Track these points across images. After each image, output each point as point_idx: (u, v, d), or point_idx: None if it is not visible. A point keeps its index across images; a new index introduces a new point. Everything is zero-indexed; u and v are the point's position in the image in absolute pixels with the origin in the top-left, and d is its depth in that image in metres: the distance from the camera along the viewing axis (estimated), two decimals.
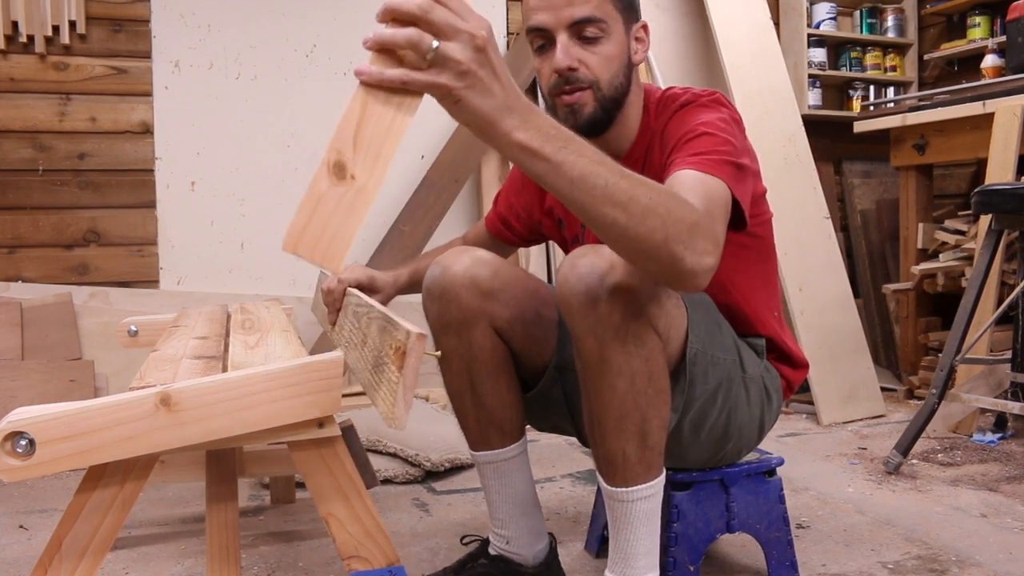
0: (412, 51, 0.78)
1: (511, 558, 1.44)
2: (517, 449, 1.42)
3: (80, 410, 0.88)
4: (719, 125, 1.21)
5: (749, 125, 2.95)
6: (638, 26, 1.32)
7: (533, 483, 1.47)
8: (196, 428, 0.90)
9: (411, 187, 3.01)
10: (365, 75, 0.79)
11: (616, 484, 1.21)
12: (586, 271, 1.10)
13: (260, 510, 2.01)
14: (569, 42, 1.24)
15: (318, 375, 0.95)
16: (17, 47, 2.69)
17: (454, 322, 1.33)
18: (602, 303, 1.09)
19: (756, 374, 1.36)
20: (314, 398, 0.95)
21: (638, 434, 1.16)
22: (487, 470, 1.43)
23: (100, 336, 2.68)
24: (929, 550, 1.66)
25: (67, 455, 0.88)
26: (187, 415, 0.90)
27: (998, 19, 3.41)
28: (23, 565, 1.66)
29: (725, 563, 1.63)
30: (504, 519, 1.44)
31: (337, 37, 3.02)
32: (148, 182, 2.84)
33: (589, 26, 1.23)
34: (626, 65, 1.29)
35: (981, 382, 2.53)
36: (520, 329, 1.36)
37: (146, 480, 0.95)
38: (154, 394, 0.89)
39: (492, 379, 1.36)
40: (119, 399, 0.89)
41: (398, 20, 0.79)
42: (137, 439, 0.89)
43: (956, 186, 3.67)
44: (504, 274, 1.34)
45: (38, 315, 2.61)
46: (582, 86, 1.25)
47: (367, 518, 1.00)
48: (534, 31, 1.26)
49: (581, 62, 1.24)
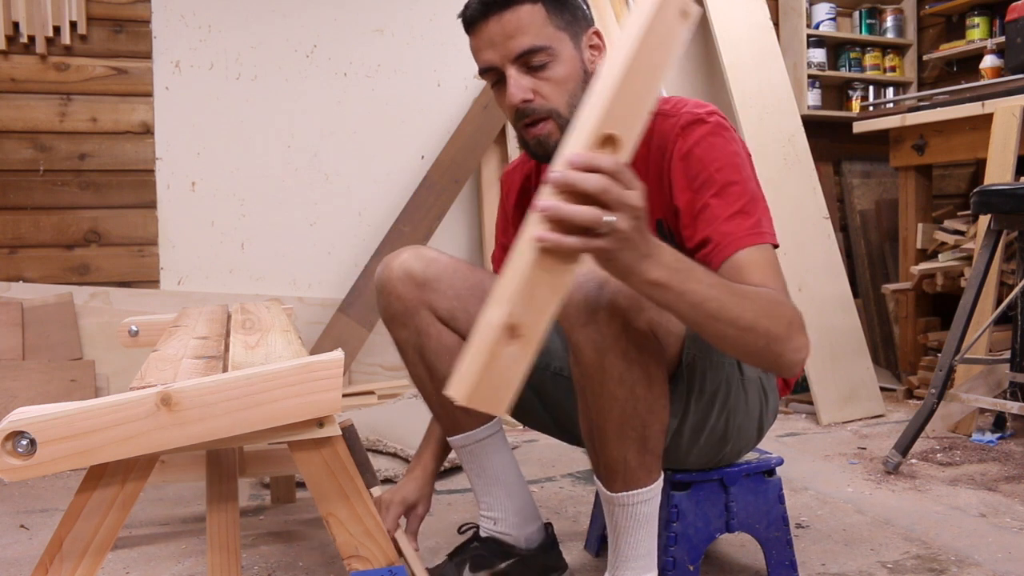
0: (588, 226, 0.85)
1: (501, 538, 1.45)
2: (489, 430, 1.44)
3: (81, 410, 0.88)
4: (736, 162, 1.20)
5: (749, 125, 2.98)
6: (590, 33, 1.28)
7: (516, 465, 1.48)
8: (197, 428, 0.91)
9: (411, 187, 3.01)
10: (547, 241, 0.83)
11: (617, 489, 1.22)
12: (583, 279, 1.10)
13: (260, 510, 2.01)
14: (518, 75, 1.22)
15: (319, 375, 0.95)
16: (18, 47, 2.69)
17: (397, 314, 1.38)
18: (601, 312, 1.09)
19: (753, 375, 1.36)
20: (315, 398, 0.95)
21: (639, 440, 1.17)
22: (463, 454, 1.45)
23: (101, 336, 2.68)
24: (928, 550, 1.67)
25: (68, 455, 0.88)
26: (188, 415, 0.90)
27: (997, 20, 3.41)
28: (24, 565, 1.67)
29: (725, 563, 1.63)
30: (489, 501, 1.46)
31: (337, 37, 3.02)
32: (149, 182, 2.84)
33: (534, 56, 1.21)
34: (583, 81, 1.25)
35: (980, 382, 2.53)
36: (464, 318, 1.37)
37: (146, 480, 0.96)
38: (155, 394, 0.89)
39: (446, 364, 1.36)
40: (120, 399, 0.89)
41: (572, 194, 0.84)
42: (138, 439, 0.89)
43: (955, 186, 3.67)
44: (439, 265, 1.39)
45: (39, 315, 2.61)
46: (541, 116, 1.23)
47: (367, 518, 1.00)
48: (484, 71, 1.26)
49: (535, 92, 1.22)
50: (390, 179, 3.07)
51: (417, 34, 3.11)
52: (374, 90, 3.06)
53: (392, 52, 3.08)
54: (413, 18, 3.11)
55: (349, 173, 3.03)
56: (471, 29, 1.25)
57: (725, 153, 1.21)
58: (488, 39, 1.22)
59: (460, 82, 3.14)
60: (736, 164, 1.20)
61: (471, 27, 1.24)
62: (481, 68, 1.26)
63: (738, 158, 1.21)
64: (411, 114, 3.10)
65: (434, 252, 1.42)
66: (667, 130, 1.25)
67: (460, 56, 3.13)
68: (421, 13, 3.11)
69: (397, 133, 3.08)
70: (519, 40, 1.20)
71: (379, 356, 2.97)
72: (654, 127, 1.28)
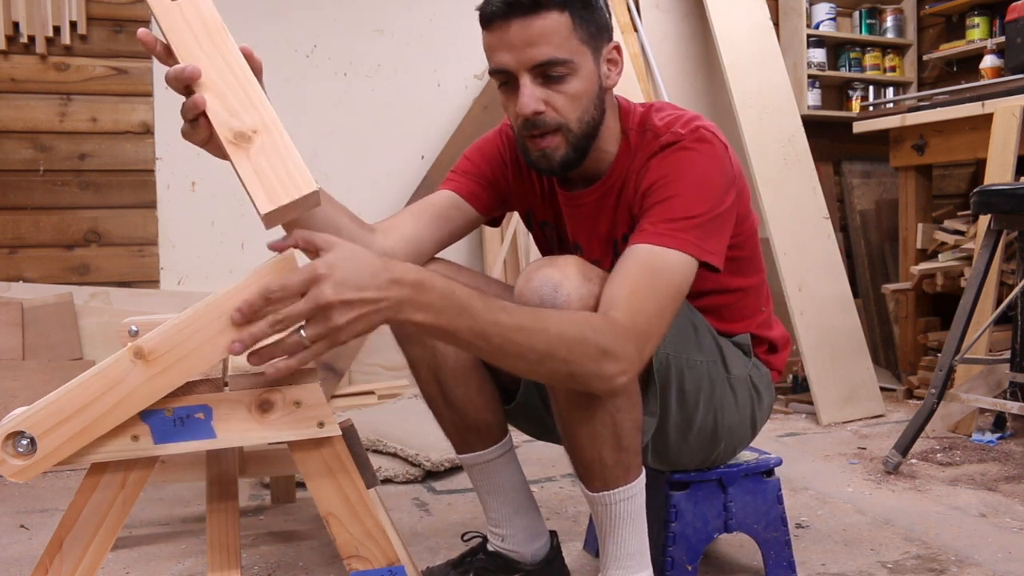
0: (291, 341, 0.90)
1: (508, 555, 1.45)
2: (500, 450, 1.43)
3: (66, 392, 0.89)
4: (697, 176, 1.17)
5: (749, 125, 2.98)
6: (609, 48, 1.23)
7: (525, 481, 1.47)
8: (177, 370, 0.91)
9: (411, 187, 3.01)
10: (277, 372, 0.91)
11: (597, 489, 1.23)
12: (539, 283, 1.11)
13: (260, 510, 2.01)
14: (533, 84, 1.16)
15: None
16: (18, 48, 2.69)
17: (412, 332, 1.33)
18: None
19: (742, 374, 1.35)
20: None
21: (612, 438, 1.17)
22: (474, 471, 1.45)
23: (101, 336, 2.68)
24: (928, 550, 1.67)
25: (68, 438, 0.89)
26: (164, 359, 0.90)
27: (997, 20, 3.41)
28: (24, 565, 1.67)
29: (723, 563, 1.63)
30: (497, 518, 1.45)
31: (337, 37, 3.02)
32: (149, 182, 2.84)
33: (553, 68, 1.16)
34: (596, 96, 1.21)
35: (980, 382, 2.53)
36: None
37: (146, 480, 0.96)
38: (127, 351, 0.90)
39: (461, 385, 1.36)
40: (97, 369, 0.90)
41: (249, 318, 0.90)
42: (128, 400, 0.90)
43: (955, 186, 3.67)
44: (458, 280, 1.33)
45: (39, 315, 2.61)
46: (550, 129, 1.19)
47: (367, 518, 1.00)
48: (496, 72, 1.20)
49: (547, 104, 1.17)
50: (390, 179, 3.07)
51: (417, 34, 3.11)
52: (374, 90, 3.06)
53: (392, 52, 3.08)
54: (413, 18, 3.11)
55: (349, 173, 3.03)
56: (490, 25, 1.18)
57: (691, 169, 1.18)
58: (508, 41, 1.16)
59: (460, 82, 3.14)
60: (698, 180, 1.17)
61: (490, 23, 1.17)
62: (492, 68, 1.20)
63: (706, 180, 1.18)
64: (411, 114, 3.10)
65: (454, 265, 1.37)
66: (649, 149, 1.24)
67: (460, 56, 3.13)
68: (421, 13, 3.11)
69: (397, 133, 3.08)
70: (540, 49, 1.15)
71: (379, 356, 2.97)
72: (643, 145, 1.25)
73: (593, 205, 1.31)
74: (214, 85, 0.94)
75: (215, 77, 0.95)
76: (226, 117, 0.93)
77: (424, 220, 1.35)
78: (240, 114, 0.93)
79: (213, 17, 0.98)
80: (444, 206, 1.38)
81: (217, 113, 0.93)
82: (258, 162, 0.91)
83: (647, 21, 3.29)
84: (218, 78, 0.95)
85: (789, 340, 1.48)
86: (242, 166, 0.91)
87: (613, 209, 1.29)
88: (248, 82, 0.95)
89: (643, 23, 3.26)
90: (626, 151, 1.28)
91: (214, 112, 0.93)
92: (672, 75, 3.29)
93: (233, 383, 0.96)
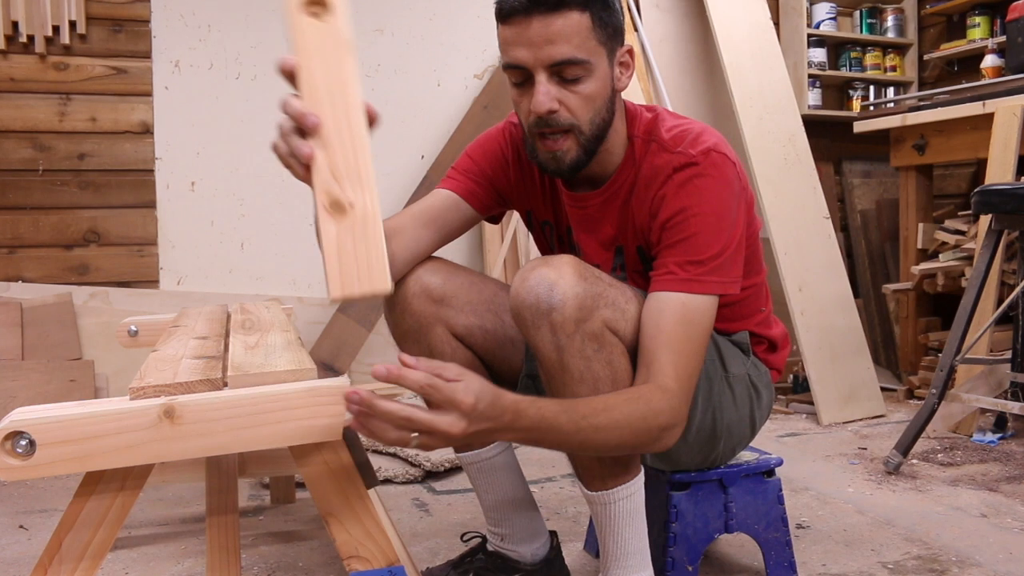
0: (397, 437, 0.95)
1: (507, 555, 1.45)
2: (498, 448, 1.43)
3: (82, 416, 0.87)
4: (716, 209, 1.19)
5: (749, 125, 2.98)
6: (623, 51, 1.23)
7: (524, 481, 1.47)
8: (198, 442, 0.90)
9: (411, 187, 3.01)
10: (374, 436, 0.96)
11: (595, 488, 1.23)
12: (535, 283, 1.12)
13: (260, 510, 2.01)
14: (549, 83, 1.16)
15: (324, 400, 0.94)
16: (17, 47, 2.69)
17: (410, 331, 1.35)
18: (554, 313, 1.11)
19: (740, 372, 1.35)
20: (318, 422, 0.94)
21: None
22: (472, 470, 1.45)
23: (100, 336, 2.68)
24: (929, 550, 1.66)
25: (66, 459, 0.87)
26: (190, 429, 0.89)
27: (998, 19, 3.41)
28: (23, 565, 1.66)
29: (724, 563, 1.63)
30: (496, 517, 1.45)
31: None
32: (148, 182, 2.84)
33: (570, 68, 1.15)
34: (609, 98, 1.22)
35: (981, 382, 2.53)
36: (480, 335, 1.36)
37: (144, 483, 0.95)
38: (158, 406, 0.88)
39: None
40: (123, 407, 0.88)
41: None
42: (137, 448, 0.88)
43: (956, 186, 3.67)
44: (456, 280, 1.35)
45: (38, 315, 2.61)
46: (563, 128, 1.19)
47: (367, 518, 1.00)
48: (510, 67, 1.19)
49: (562, 103, 1.17)
50: (390, 179, 3.06)
51: (417, 34, 3.11)
52: (374, 90, 3.06)
53: (392, 52, 3.08)
54: (413, 18, 3.10)
55: None
56: (509, 19, 1.16)
57: (710, 200, 1.19)
58: (526, 37, 1.14)
59: (460, 82, 3.14)
60: (717, 212, 1.19)
61: (510, 17, 1.16)
62: (507, 63, 1.19)
63: (725, 212, 1.19)
64: (411, 114, 3.10)
65: (450, 264, 1.37)
66: (661, 165, 1.23)
67: (460, 56, 3.13)
68: (421, 13, 3.11)
69: (397, 133, 3.08)
70: (560, 48, 1.14)
71: (379, 356, 2.97)
72: (648, 155, 1.25)
73: (597, 208, 1.31)
74: (328, 142, 0.91)
75: (332, 133, 0.91)
76: (328, 180, 0.90)
77: (424, 223, 1.36)
78: (343, 181, 0.90)
79: (351, 69, 0.94)
80: (443, 207, 1.38)
81: (321, 171, 0.90)
82: (343, 240, 0.88)
83: (647, 21, 3.28)
84: (335, 136, 0.91)
85: (789, 339, 1.48)
86: (327, 235, 0.87)
87: (617, 216, 1.30)
88: (361, 149, 0.92)
89: (643, 23, 3.26)
90: (631, 158, 1.28)
91: (318, 170, 0.90)
92: (672, 75, 3.29)
93: (233, 383, 0.95)
